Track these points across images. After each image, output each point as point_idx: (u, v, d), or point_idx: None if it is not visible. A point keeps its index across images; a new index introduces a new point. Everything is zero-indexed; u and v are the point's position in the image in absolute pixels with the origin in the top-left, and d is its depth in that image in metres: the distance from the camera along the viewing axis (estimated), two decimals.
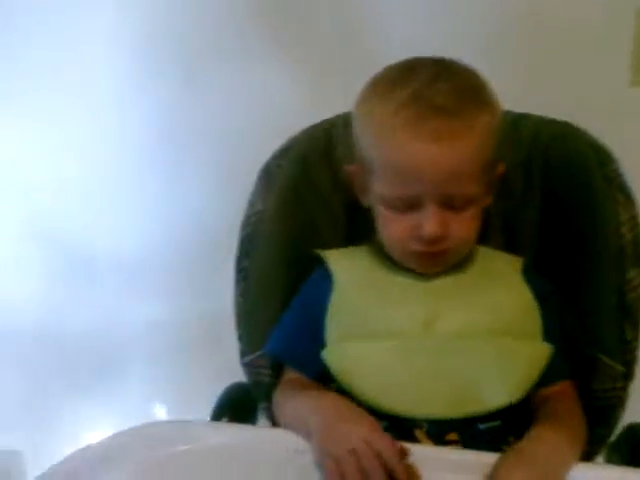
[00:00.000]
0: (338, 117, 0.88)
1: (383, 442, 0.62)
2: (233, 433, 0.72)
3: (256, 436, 0.72)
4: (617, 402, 0.76)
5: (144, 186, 1.36)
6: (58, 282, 1.43)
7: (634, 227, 0.75)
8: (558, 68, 1.12)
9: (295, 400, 0.75)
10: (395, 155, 0.70)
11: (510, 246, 0.85)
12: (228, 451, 0.66)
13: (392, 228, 0.74)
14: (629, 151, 0.79)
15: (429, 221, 0.70)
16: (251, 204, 0.86)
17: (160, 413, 1.46)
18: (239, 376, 0.89)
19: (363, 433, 0.62)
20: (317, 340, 0.77)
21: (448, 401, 0.72)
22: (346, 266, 0.80)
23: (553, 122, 0.84)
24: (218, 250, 0.87)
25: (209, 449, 0.67)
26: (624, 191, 0.77)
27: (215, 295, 0.95)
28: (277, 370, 0.83)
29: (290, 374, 0.81)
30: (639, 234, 0.75)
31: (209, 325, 1.31)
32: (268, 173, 0.87)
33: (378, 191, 0.74)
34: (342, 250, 0.83)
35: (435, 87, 0.69)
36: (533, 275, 0.79)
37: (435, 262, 0.75)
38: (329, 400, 0.70)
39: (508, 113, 0.86)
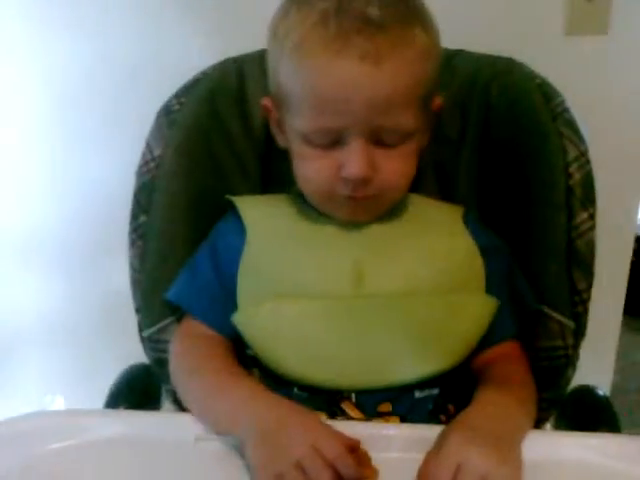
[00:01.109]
0: (254, 52, 0.78)
1: (332, 447, 0.51)
2: (127, 422, 0.63)
3: (153, 424, 0.62)
4: (567, 362, 0.69)
5: (31, 153, 1.19)
6: None
7: (584, 165, 0.68)
8: (492, 16, 1.06)
9: (210, 385, 0.62)
10: (314, 78, 0.59)
11: (446, 196, 0.76)
12: (122, 442, 0.59)
13: (312, 169, 0.63)
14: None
15: (354, 159, 0.60)
16: (148, 149, 0.73)
17: (58, 404, 1.33)
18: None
19: (308, 440, 0.51)
20: (229, 299, 0.66)
21: (377, 369, 0.63)
22: (261, 215, 0.69)
23: (493, 57, 0.76)
24: (120, 223, 0.74)
25: (101, 440, 0.59)
26: (572, 126, 0.69)
27: (117, 274, 0.81)
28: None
29: (194, 327, 0.68)
30: (589, 174, 0.68)
31: (111, 308, 1.15)
32: (168, 112, 0.74)
33: (295, 125, 0.63)
34: (256, 197, 0.73)
35: None
36: (476, 225, 0.71)
37: (363, 210, 0.65)
38: (262, 401, 0.58)
39: (442, 49, 0.78)
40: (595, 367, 1.25)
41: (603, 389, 1.25)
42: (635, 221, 1.22)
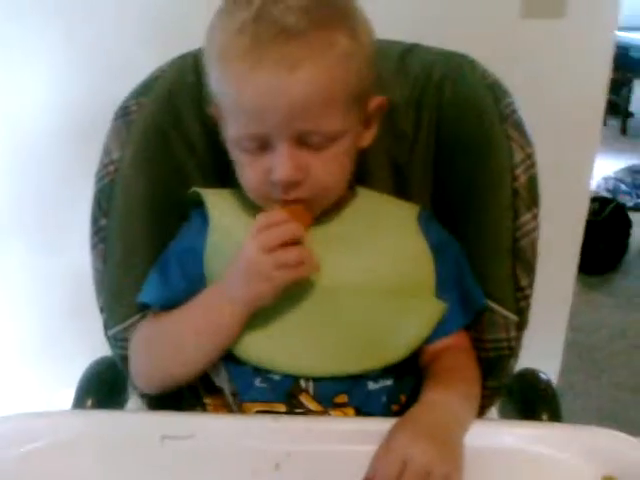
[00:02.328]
0: None
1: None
2: (95, 421, 0.65)
3: (120, 423, 0.64)
4: (510, 353, 0.73)
5: None
6: None
7: (529, 168, 0.70)
8: (448, 0, 1.06)
9: (169, 318, 0.67)
10: (234, 87, 0.61)
11: (401, 192, 0.78)
12: (90, 442, 0.60)
13: (247, 174, 0.65)
14: (520, 84, 0.75)
15: (280, 163, 0.61)
16: (106, 152, 0.73)
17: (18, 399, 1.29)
18: None
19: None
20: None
21: (331, 358, 0.67)
22: (223, 207, 0.71)
23: (447, 55, 0.77)
24: (81, 196, 0.74)
25: (68, 442, 0.60)
26: (519, 128, 0.71)
27: (81, 249, 0.81)
28: None
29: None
30: (534, 176, 0.70)
31: (75, 288, 1.15)
32: (125, 114, 0.74)
33: (227, 132, 0.65)
34: (221, 191, 0.73)
35: (282, 3, 0.59)
36: (430, 223, 0.73)
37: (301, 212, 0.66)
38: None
39: (398, 44, 0.79)
40: (549, 327, 1.32)
41: (557, 347, 1.33)
42: (589, 181, 1.26)
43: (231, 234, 0.69)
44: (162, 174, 0.75)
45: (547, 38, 1.07)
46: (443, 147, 0.75)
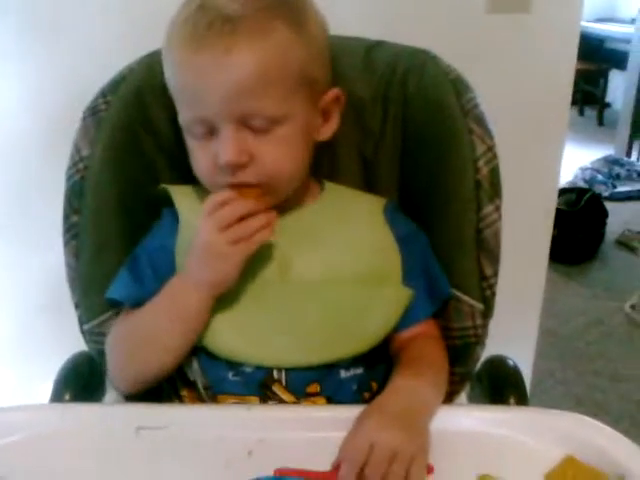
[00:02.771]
0: None
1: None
2: (72, 414, 0.66)
3: (96, 416, 0.66)
4: (477, 341, 0.75)
5: None
6: None
7: (491, 160, 0.72)
8: None
9: (139, 312, 0.69)
10: (177, 73, 0.65)
11: (370, 186, 0.80)
12: (67, 434, 0.62)
13: (197, 160, 0.68)
14: (485, 79, 0.76)
15: (223, 146, 0.63)
16: (76, 149, 0.75)
17: None
18: None
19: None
20: None
21: (302, 349, 0.68)
22: (192, 204, 0.72)
23: (410, 51, 0.78)
24: (56, 192, 0.75)
25: (46, 434, 0.61)
26: (480, 122, 0.73)
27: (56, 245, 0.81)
28: None
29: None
30: (495, 168, 0.73)
31: (50, 284, 1.16)
32: (94, 112, 0.75)
33: (179, 119, 0.68)
34: (189, 187, 0.74)
35: None
36: (396, 215, 0.75)
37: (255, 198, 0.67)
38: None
39: (363, 40, 0.80)
40: (523, 315, 1.35)
41: (532, 334, 1.36)
42: (558, 171, 1.29)
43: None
44: (132, 171, 0.76)
45: (513, 33, 1.09)
46: (409, 141, 0.77)
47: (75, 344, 0.81)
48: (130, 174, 0.76)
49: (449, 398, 0.74)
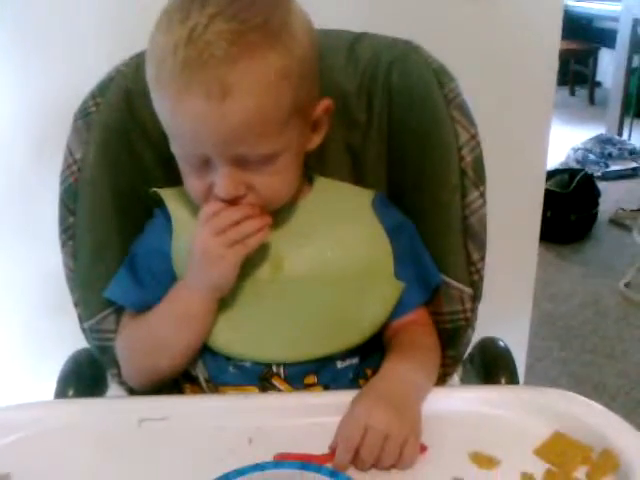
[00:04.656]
0: None
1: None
2: (76, 409, 0.68)
3: (99, 410, 0.68)
4: (466, 324, 0.77)
5: None
6: None
7: (474, 148, 0.74)
8: None
9: (146, 319, 0.71)
10: (166, 111, 0.63)
11: (358, 177, 0.81)
12: (69, 430, 0.63)
13: (191, 185, 0.68)
14: (469, 60, 0.77)
15: (220, 183, 0.64)
16: (69, 152, 0.76)
17: None
18: None
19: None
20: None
21: (298, 344, 0.70)
22: (185, 206, 0.73)
23: (393, 42, 0.79)
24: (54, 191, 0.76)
25: (49, 430, 0.63)
26: (463, 110, 0.74)
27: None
28: None
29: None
30: (479, 156, 0.74)
31: (57, 283, 1.17)
32: (85, 114, 0.76)
33: (171, 147, 0.67)
34: (181, 188, 0.75)
35: (213, 27, 0.58)
36: (384, 207, 0.76)
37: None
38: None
39: (346, 33, 0.81)
40: (516, 297, 1.37)
41: (525, 315, 1.38)
42: (546, 153, 1.30)
43: (194, 233, 0.71)
44: (125, 171, 0.78)
45: (496, 13, 1.09)
46: (395, 131, 0.78)
47: (80, 342, 0.82)
48: (123, 174, 0.77)
49: (442, 380, 0.77)
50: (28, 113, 1.11)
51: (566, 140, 3.53)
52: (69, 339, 0.82)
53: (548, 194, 1.39)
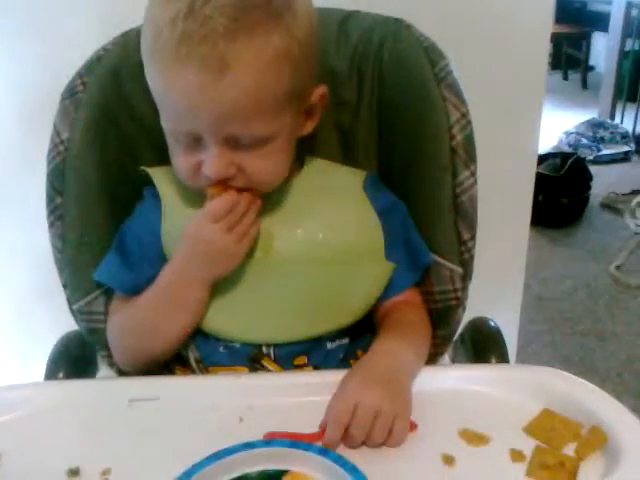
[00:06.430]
0: None
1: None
2: (67, 390, 0.68)
3: (89, 391, 0.68)
4: (457, 303, 0.77)
5: None
6: None
7: (465, 127, 0.73)
8: None
9: (140, 304, 0.70)
10: (162, 84, 0.62)
11: (349, 157, 0.81)
12: (60, 410, 0.63)
13: (180, 163, 0.67)
14: (461, 43, 0.77)
15: (210, 163, 0.63)
16: (55, 132, 0.75)
17: None
18: None
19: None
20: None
21: (288, 325, 0.70)
22: (174, 186, 0.73)
23: (384, 21, 0.78)
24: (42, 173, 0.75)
25: (40, 411, 0.63)
26: (453, 90, 0.73)
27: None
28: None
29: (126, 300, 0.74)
30: (470, 135, 0.74)
31: (49, 266, 1.16)
32: (72, 93, 0.75)
33: (162, 122, 0.66)
34: (169, 169, 0.73)
35: (215, 1, 0.57)
36: (375, 188, 0.76)
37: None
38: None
39: (337, 11, 0.80)
40: (507, 278, 1.38)
41: (516, 297, 1.38)
42: (537, 134, 1.29)
43: (185, 213, 0.71)
44: (112, 152, 0.77)
45: None
46: (385, 110, 0.78)
47: (72, 325, 0.82)
48: (110, 154, 0.77)
49: (433, 359, 0.77)
50: (13, 93, 1.10)
51: (558, 124, 3.52)
52: (59, 321, 0.82)
53: (540, 178, 1.39)
